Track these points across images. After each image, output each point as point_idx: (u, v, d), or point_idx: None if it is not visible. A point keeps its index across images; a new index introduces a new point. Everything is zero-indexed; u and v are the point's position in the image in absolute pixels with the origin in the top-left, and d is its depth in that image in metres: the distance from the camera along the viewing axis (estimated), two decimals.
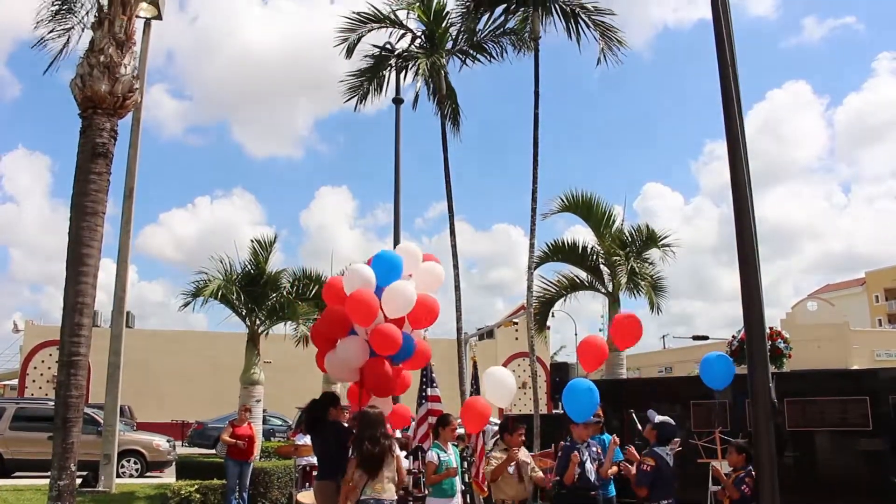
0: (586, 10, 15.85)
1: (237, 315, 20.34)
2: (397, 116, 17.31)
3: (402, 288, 7.79)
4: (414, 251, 8.66)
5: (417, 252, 8.67)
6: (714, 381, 7.94)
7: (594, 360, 8.26)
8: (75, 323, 8.88)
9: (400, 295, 7.73)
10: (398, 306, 7.73)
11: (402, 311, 7.80)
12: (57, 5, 10.82)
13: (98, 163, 9.20)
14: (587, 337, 8.67)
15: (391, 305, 7.70)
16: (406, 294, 7.76)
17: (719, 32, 6.74)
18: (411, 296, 7.79)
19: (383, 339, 7.51)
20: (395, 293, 7.74)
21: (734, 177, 6.50)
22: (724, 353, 9.58)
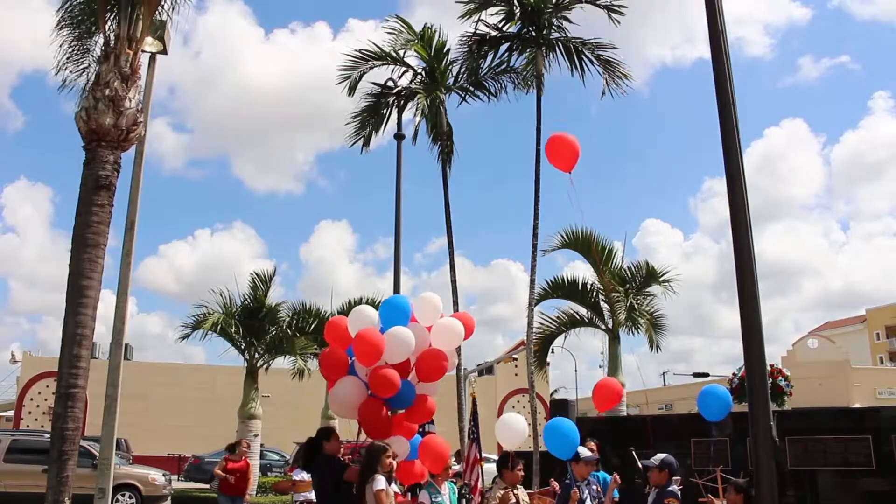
0: (589, 46, 16.05)
1: (236, 348, 20.30)
2: (399, 153, 17.43)
3: (401, 333, 7.65)
4: (434, 303, 8.36)
5: (438, 304, 8.38)
6: (711, 414, 7.90)
7: (608, 401, 8.24)
8: (74, 354, 8.84)
9: (398, 339, 7.59)
10: (396, 351, 7.60)
11: (401, 356, 7.66)
12: (74, 45, 11.00)
13: (101, 195, 9.24)
14: (603, 379, 8.66)
15: (389, 349, 7.57)
16: (405, 339, 7.61)
17: (719, 72, 6.83)
18: (410, 341, 7.63)
19: (380, 381, 7.42)
20: (394, 337, 7.60)
21: (734, 213, 6.53)
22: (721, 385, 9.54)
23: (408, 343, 7.62)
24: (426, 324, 8.11)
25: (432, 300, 8.36)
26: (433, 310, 8.24)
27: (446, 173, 16.91)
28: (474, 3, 15.78)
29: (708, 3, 7.08)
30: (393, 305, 8.08)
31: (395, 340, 7.56)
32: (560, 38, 16.18)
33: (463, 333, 8.34)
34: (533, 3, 15.72)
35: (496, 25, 16.33)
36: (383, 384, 7.44)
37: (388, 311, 8.01)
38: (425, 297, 8.42)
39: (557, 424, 7.70)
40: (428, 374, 8.05)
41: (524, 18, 16.11)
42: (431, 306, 8.25)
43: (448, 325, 8.20)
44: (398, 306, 8.06)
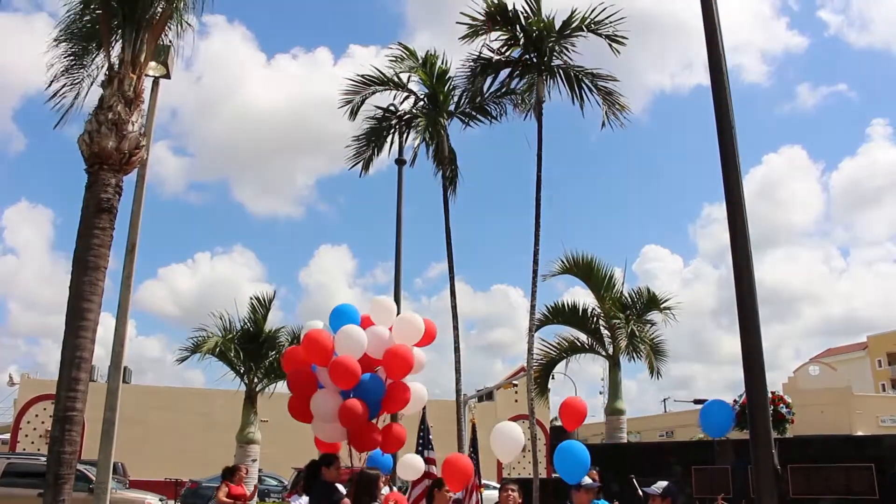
0: (589, 76, 16.16)
1: (235, 372, 20.23)
2: (400, 178, 17.48)
3: (351, 330, 7.93)
4: (387, 305, 8.70)
5: (391, 305, 8.74)
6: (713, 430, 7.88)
7: (575, 421, 8.37)
8: (72, 377, 8.80)
9: (349, 336, 7.86)
10: (348, 347, 7.84)
11: (354, 351, 7.86)
12: (69, 60, 11.02)
13: (102, 218, 9.26)
14: (568, 398, 8.74)
15: (343, 346, 7.81)
16: (356, 336, 7.88)
17: (719, 98, 6.87)
18: (361, 337, 7.91)
19: (339, 370, 7.62)
20: (344, 335, 7.87)
21: (734, 239, 6.54)
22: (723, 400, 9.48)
23: (359, 339, 7.89)
24: (384, 325, 8.36)
25: (385, 302, 8.74)
26: (387, 311, 8.55)
27: (447, 199, 16.95)
28: (477, 28, 15.90)
29: (708, 30, 7.14)
30: (341, 313, 8.37)
31: (345, 338, 7.84)
32: (561, 66, 16.30)
33: (423, 328, 8.57)
34: (535, 30, 15.85)
35: (498, 50, 16.45)
36: (343, 373, 7.61)
37: (336, 320, 8.28)
38: (378, 300, 8.82)
39: (569, 447, 7.66)
40: (395, 372, 8.18)
41: (526, 44, 16.23)
42: (385, 309, 8.58)
43: (408, 320, 8.56)
44: (345, 313, 8.38)
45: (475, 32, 15.88)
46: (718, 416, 7.92)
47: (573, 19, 15.74)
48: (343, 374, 7.67)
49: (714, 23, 7.11)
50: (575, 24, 15.75)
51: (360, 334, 7.96)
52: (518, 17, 15.74)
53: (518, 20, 15.78)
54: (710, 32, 7.11)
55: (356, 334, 7.93)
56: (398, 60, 16.86)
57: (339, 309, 8.46)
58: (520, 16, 15.73)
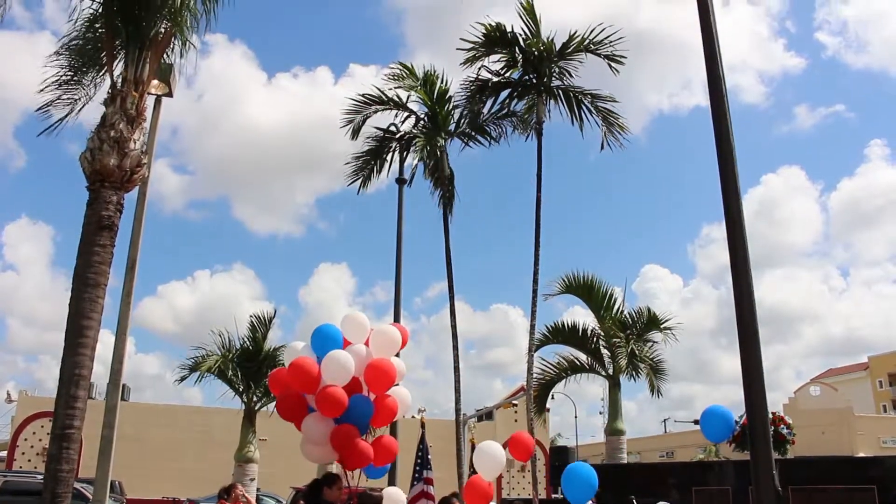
0: (589, 96, 16.25)
1: (234, 391, 20.16)
2: (400, 197, 17.50)
3: (338, 356, 7.78)
4: (360, 320, 8.53)
5: (363, 321, 8.55)
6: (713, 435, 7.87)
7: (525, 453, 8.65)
8: (71, 395, 8.78)
9: (336, 362, 7.71)
10: (336, 374, 7.70)
11: (342, 378, 7.73)
12: (66, 73, 11.07)
13: (103, 235, 9.27)
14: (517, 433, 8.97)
15: (330, 374, 7.67)
16: (343, 362, 7.74)
17: (718, 118, 6.90)
18: (349, 364, 7.75)
19: (327, 401, 7.50)
20: (332, 361, 7.72)
21: (734, 259, 6.54)
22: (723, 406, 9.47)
23: (346, 365, 7.71)
24: (359, 341, 8.23)
25: (357, 318, 8.51)
26: (361, 327, 8.37)
27: (447, 218, 16.99)
28: (477, 50, 16.02)
29: (707, 52, 7.19)
30: (322, 334, 8.16)
31: (332, 364, 7.66)
32: (561, 87, 16.40)
33: (399, 338, 8.45)
34: (535, 51, 15.96)
35: (498, 72, 16.55)
36: (331, 403, 7.50)
37: (319, 341, 8.08)
38: (350, 316, 8.57)
39: (577, 469, 7.68)
40: (377, 386, 8.06)
41: (526, 65, 16.34)
42: (358, 324, 8.40)
43: (383, 332, 8.42)
44: (327, 334, 8.16)
45: (475, 57, 16.01)
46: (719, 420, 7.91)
47: (572, 40, 15.86)
48: (331, 405, 7.56)
49: (714, 45, 7.16)
50: (574, 45, 15.88)
51: (347, 360, 7.80)
52: (517, 38, 15.87)
53: (517, 42, 15.91)
54: (709, 54, 7.16)
55: (343, 360, 7.77)
56: (398, 79, 16.97)
57: (321, 330, 8.24)
58: (518, 38, 15.86)
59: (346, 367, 7.73)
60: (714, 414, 7.91)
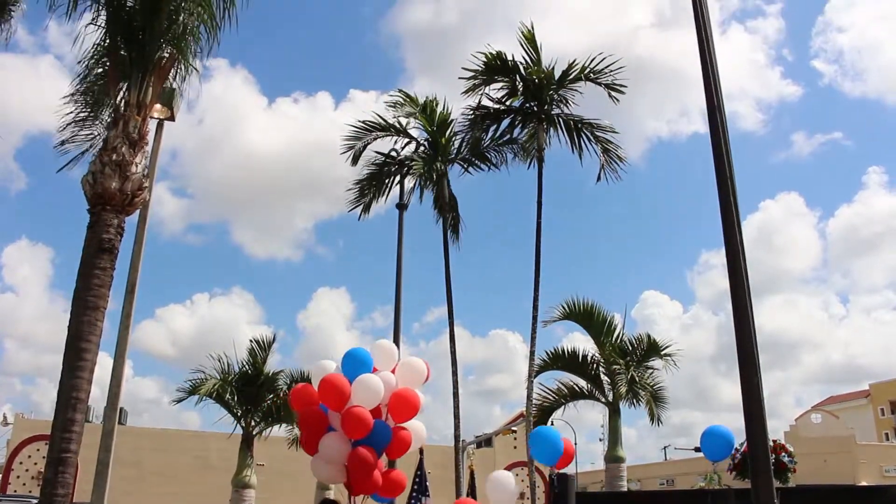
0: (589, 126, 16.36)
1: (232, 415, 20.06)
2: (400, 222, 17.53)
3: (369, 380, 7.99)
4: (390, 349, 8.82)
5: (393, 350, 8.86)
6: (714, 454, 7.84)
7: None
8: (68, 418, 8.73)
9: (366, 386, 7.91)
10: (365, 398, 7.89)
11: (370, 402, 7.91)
12: (85, 113, 11.22)
13: (103, 258, 9.27)
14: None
15: (360, 396, 7.86)
16: (374, 386, 7.94)
17: (717, 145, 6.95)
18: (379, 388, 7.96)
19: (353, 421, 7.65)
20: (362, 385, 7.91)
21: (734, 287, 6.54)
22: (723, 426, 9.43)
23: (376, 390, 7.94)
24: (386, 369, 8.46)
25: (387, 347, 8.85)
26: (390, 356, 8.66)
27: (447, 243, 17.03)
28: (478, 79, 16.15)
29: (706, 79, 7.25)
30: (354, 357, 8.36)
31: (363, 388, 7.89)
32: (561, 115, 16.51)
33: (425, 372, 8.71)
34: (535, 79, 16.08)
35: (499, 100, 16.67)
36: (356, 424, 7.65)
37: (350, 363, 8.27)
38: (381, 344, 8.91)
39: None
40: (400, 414, 8.25)
41: (526, 93, 16.46)
42: (388, 353, 8.70)
43: (410, 364, 8.68)
44: (359, 358, 8.37)
45: (476, 86, 16.16)
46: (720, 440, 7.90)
47: (572, 68, 15.99)
48: (356, 425, 7.71)
49: (713, 76, 7.23)
50: (574, 74, 16.01)
51: (378, 385, 8.01)
52: (518, 67, 16.00)
53: (518, 70, 16.04)
54: (709, 85, 7.22)
55: (375, 385, 7.98)
56: (399, 106, 17.09)
57: (353, 353, 8.42)
58: (519, 66, 15.99)
59: (376, 392, 7.96)
60: (714, 434, 7.91)
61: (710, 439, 7.91)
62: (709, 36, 7.34)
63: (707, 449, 7.88)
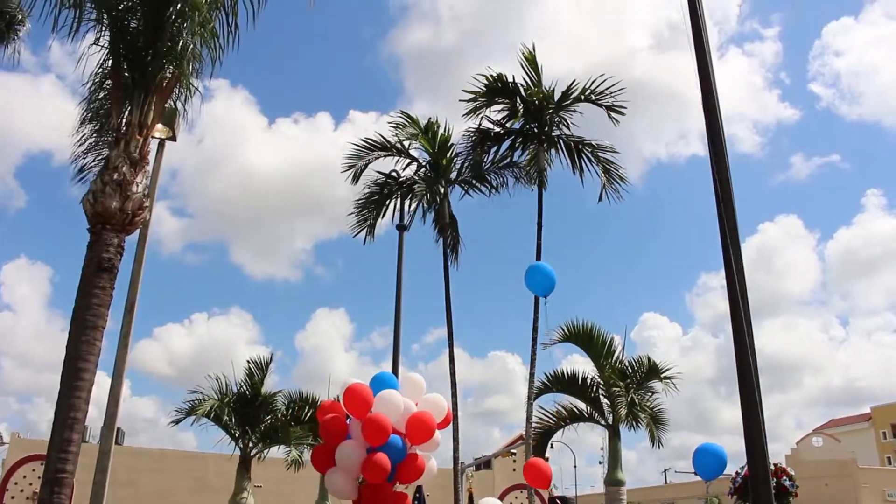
0: (590, 147, 16.42)
1: (230, 436, 19.93)
2: (400, 243, 17.52)
3: (391, 395, 8.43)
4: (419, 383, 9.13)
5: (422, 384, 9.15)
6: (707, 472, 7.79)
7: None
8: (65, 438, 8.67)
9: (389, 400, 8.35)
10: (387, 409, 8.30)
11: (391, 414, 8.29)
12: (94, 138, 11.30)
13: (102, 277, 9.26)
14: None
15: (381, 407, 8.28)
16: (394, 401, 8.38)
17: (720, 169, 6.96)
18: (399, 402, 8.40)
19: (373, 427, 8.00)
20: (385, 397, 8.37)
21: (734, 309, 6.53)
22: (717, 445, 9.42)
23: (396, 404, 8.37)
24: (412, 400, 8.80)
25: (417, 379, 9.19)
26: (418, 388, 9.01)
27: (447, 265, 17.04)
28: (479, 101, 16.22)
29: (705, 102, 7.29)
30: (382, 381, 8.85)
31: (384, 401, 8.34)
32: (561, 136, 16.58)
33: (446, 409, 9.05)
34: (535, 101, 16.16)
35: (499, 122, 16.75)
36: (376, 428, 8.00)
37: (377, 385, 8.72)
38: (411, 376, 9.34)
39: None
40: (416, 437, 8.50)
41: (527, 115, 16.53)
42: (416, 385, 9.06)
43: (433, 400, 9.00)
44: (387, 381, 8.89)
45: (477, 107, 16.23)
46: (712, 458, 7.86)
47: (573, 90, 16.07)
48: (376, 429, 8.03)
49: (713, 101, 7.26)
50: (575, 95, 16.08)
51: (398, 399, 8.43)
52: (518, 88, 16.09)
53: (518, 92, 16.12)
54: (708, 106, 7.26)
55: (395, 399, 8.41)
56: (401, 127, 17.16)
57: (381, 377, 8.94)
58: (520, 88, 16.07)
59: (396, 406, 8.38)
60: (707, 452, 7.86)
61: (703, 457, 7.87)
62: (709, 60, 7.39)
63: (700, 467, 7.85)
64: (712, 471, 7.83)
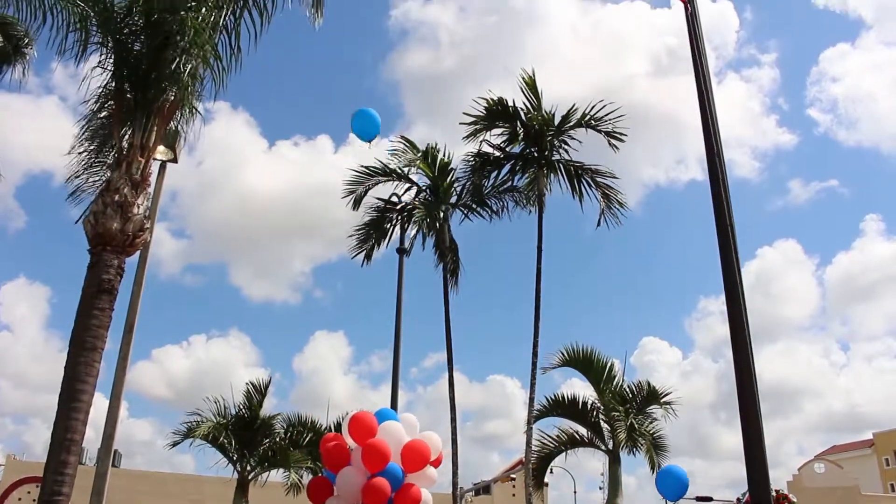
0: (590, 172, 16.47)
1: (227, 459, 19.81)
2: (400, 267, 17.48)
3: (393, 426, 8.84)
4: (412, 421, 9.44)
5: (415, 422, 9.47)
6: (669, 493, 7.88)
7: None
8: (61, 461, 8.62)
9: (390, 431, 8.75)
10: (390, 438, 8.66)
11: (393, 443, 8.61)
12: (93, 158, 11.34)
13: (102, 299, 9.26)
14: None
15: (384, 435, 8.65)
16: (396, 433, 8.78)
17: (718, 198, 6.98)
18: (401, 434, 8.80)
19: (372, 453, 8.31)
20: (388, 428, 8.78)
21: (735, 334, 6.51)
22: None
23: (398, 436, 8.76)
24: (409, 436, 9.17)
25: (410, 419, 9.49)
26: (411, 428, 9.28)
27: (447, 289, 17.03)
28: (480, 124, 16.31)
29: (705, 127, 7.32)
30: (384, 416, 9.24)
31: (387, 433, 8.72)
32: (561, 160, 16.64)
33: (440, 446, 9.45)
34: (535, 125, 16.24)
35: (499, 146, 16.82)
36: (375, 454, 8.30)
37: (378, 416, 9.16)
38: (404, 416, 9.63)
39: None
40: (411, 464, 8.74)
41: (527, 139, 16.60)
42: (410, 425, 9.33)
43: (430, 437, 9.30)
44: (388, 416, 9.28)
45: (477, 131, 16.32)
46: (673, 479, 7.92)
47: (572, 115, 16.15)
48: (376, 455, 8.33)
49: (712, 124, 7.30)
50: (574, 120, 16.16)
51: (402, 432, 8.85)
52: (518, 113, 16.17)
53: (518, 116, 16.21)
54: (707, 131, 7.29)
55: (397, 431, 8.85)
56: (401, 153, 17.24)
57: (384, 411, 9.38)
58: (520, 112, 16.16)
59: (398, 438, 8.76)
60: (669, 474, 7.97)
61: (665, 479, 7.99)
62: (708, 86, 7.43)
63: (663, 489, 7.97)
64: (675, 493, 7.99)
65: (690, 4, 7.75)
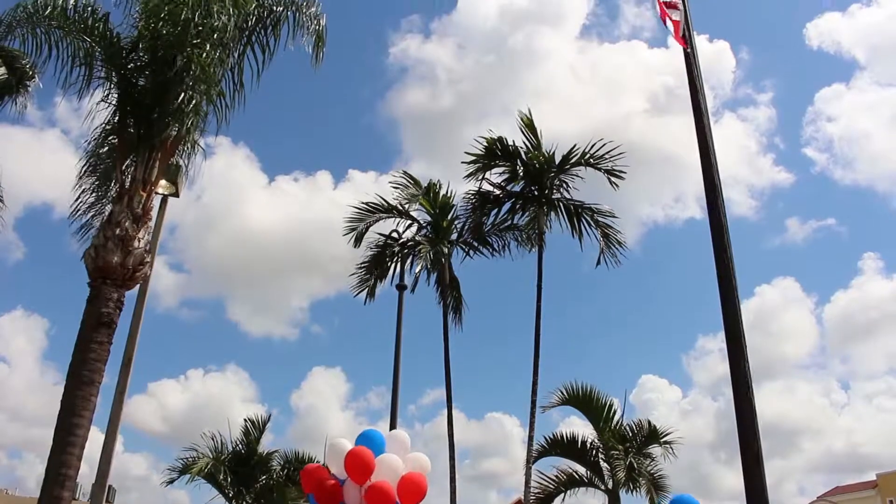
0: (589, 211, 16.52)
1: (224, 496, 19.56)
2: (400, 303, 17.42)
3: (391, 459, 8.63)
4: (403, 438, 9.28)
5: (406, 440, 9.30)
6: None
7: None
8: (55, 496, 8.51)
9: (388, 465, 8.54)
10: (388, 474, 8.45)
11: (392, 479, 8.43)
12: (96, 195, 11.40)
13: (101, 332, 9.22)
14: None
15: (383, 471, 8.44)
16: (394, 466, 8.57)
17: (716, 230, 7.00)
18: (399, 467, 8.60)
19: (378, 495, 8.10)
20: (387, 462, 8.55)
21: (735, 372, 6.48)
22: None
23: (397, 470, 8.56)
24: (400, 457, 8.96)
25: (401, 436, 9.35)
26: (402, 445, 9.13)
27: (447, 326, 16.97)
28: (480, 163, 16.39)
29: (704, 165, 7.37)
30: (369, 438, 8.95)
31: (386, 466, 8.51)
32: (561, 199, 16.70)
33: (428, 467, 9.20)
34: (536, 164, 16.33)
35: (500, 184, 16.89)
36: (382, 497, 8.12)
37: (364, 443, 8.82)
38: (395, 433, 9.51)
39: None
40: (408, 498, 8.59)
41: (527, 178, 16.68)
42: (401, 442, 9.19)
43: (416, 459, 9.13)
44: (374, 439, 8.97)
45: (477, 170, 16.40)
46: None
47: (573, 154, 16.25)
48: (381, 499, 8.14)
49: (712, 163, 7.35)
50: (575, 159, 16.25)
51: (400, 465, 8.63)
52: (518, 152, 16.27)
53: (518, 155, 16.30)
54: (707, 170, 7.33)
55: (396, 465, 8.60)
56: (403, 189, 17.31)
57: (369, 434, 9.03)
58: (520, 151, 16.26)
59: (397, 472, 8.56)
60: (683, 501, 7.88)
61: None
62: (707, 124, 7.49)
63: None
64: None
65: (689, 45, 7.85)
